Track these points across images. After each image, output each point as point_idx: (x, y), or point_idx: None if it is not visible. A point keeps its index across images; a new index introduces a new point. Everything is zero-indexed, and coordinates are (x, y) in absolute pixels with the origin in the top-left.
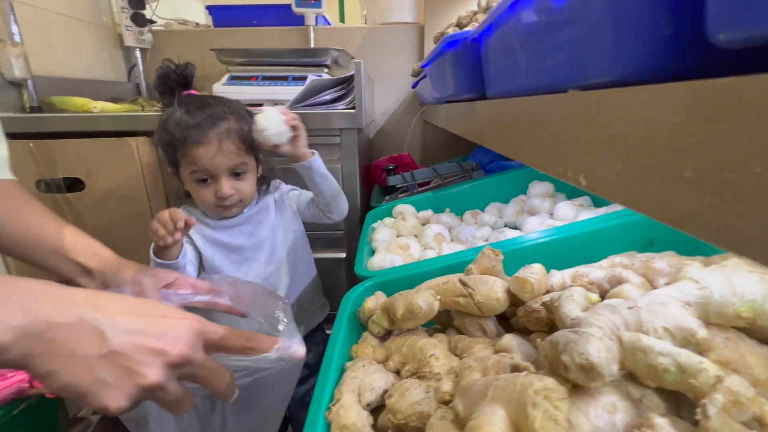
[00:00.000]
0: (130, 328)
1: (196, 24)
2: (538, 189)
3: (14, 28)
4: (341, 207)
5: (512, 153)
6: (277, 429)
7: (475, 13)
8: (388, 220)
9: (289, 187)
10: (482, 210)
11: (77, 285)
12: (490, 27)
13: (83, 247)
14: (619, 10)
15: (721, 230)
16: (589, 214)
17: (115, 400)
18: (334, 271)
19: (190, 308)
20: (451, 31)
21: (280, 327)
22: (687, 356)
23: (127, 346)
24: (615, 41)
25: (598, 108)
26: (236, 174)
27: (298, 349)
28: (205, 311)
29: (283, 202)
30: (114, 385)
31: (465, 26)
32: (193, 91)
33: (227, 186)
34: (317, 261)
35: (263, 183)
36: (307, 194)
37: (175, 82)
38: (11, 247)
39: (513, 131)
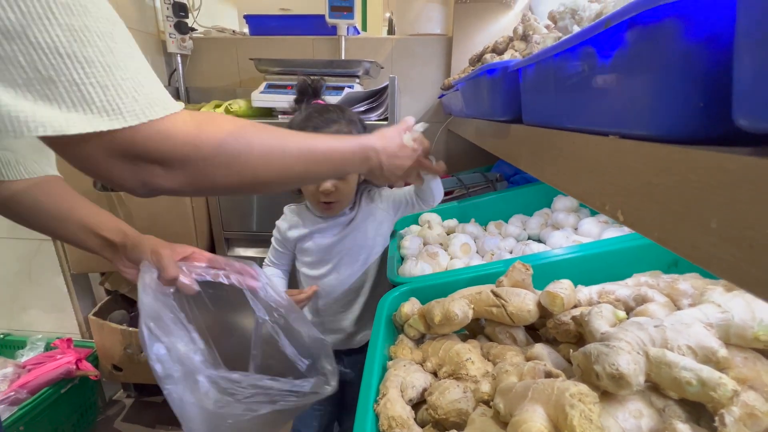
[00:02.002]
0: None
1: (233, 32)
2: (563, 203)
3: None
4: (439, 193)
5: (550, 180)
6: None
7: (511, 39)
8: (414, 227)
9: (375, 188)
10: (506, 221)
11: (104, 258)
12: (532, 65)
13: (108, 224)
14: (661, 78)
15: (738, 273)
16: (615, 231)
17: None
18: None
19: (204, 281)
20: (488, 56)
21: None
22: (708, 371)
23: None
24: (654, 103)
25: (636, 156)
26: None
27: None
28: (218, 285)
29: (375, 206)
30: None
31: (502, 51)
32: (320, 101)
33: (329, 181)
34: None
35: (365, 188)
36: (399, 190)
37: (310, 93)
38: (45, 224)
39: (552, 161)
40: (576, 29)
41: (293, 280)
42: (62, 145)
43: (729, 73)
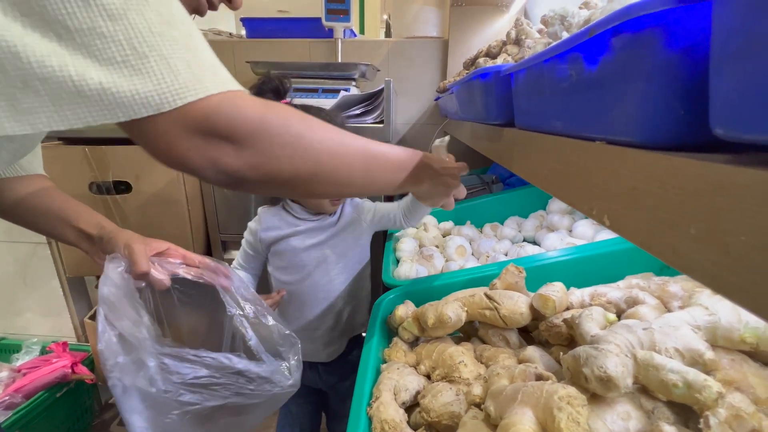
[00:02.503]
0: None
1: (230, 34)
2: (558, 205)
3: None
4: (427, 214)
5: (541, 184)
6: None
7: (504, 44)
8: (410, 229)
9: (359, 199)
10: (501, 223)
11: (81, 250)
12: (523, 70)
13: (86, 216)
14: (643, 85)
15: (716, 279)
16: (609, 233)
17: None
18: None
19: (177, 278)
20: (482, 60)
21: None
22: (694, 374)
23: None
24: (637, 110)
25: (621, 162)
26: None
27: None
28: (190, 282)
29: (359, 218)
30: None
31: (496, 55)
32: (285, 101)
33: None
34: None
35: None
36: (383, 205)
37: (271, 93)
38: (22, 216)
39: (542, 165)
40: (565, 35)
41: (266, 287)
42: (140, 122)
43: (707, 82)
